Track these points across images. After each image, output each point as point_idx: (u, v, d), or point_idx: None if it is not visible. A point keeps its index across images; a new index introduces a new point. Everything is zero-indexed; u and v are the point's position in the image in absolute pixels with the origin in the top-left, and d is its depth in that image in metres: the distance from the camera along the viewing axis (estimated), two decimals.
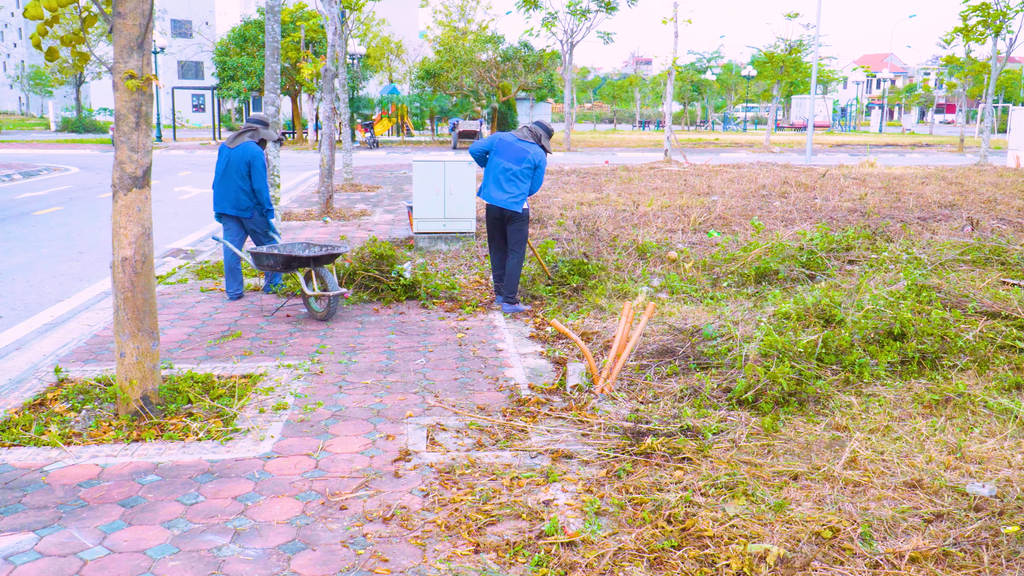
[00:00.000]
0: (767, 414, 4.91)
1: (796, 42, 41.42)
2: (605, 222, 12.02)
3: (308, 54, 16.54)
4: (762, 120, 75.29)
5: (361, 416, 5.06)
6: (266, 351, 6.41)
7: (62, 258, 10.53)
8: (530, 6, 33.20)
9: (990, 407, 4.99)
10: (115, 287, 4.77)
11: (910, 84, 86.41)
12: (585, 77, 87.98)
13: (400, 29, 56.34)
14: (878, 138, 53.22)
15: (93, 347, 6.49)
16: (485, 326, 7.22)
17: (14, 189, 18.80)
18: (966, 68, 37.38)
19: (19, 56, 77.63)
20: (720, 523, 3.67)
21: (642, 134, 57.62)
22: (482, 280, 8.93)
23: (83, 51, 4.87)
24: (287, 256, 7.10)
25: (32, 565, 3.41)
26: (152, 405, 4.86)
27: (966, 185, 18.11)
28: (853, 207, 14.04)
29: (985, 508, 3.78)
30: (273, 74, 10.00)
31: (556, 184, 18.49)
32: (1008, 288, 7.63)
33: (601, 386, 5.38)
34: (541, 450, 4.52)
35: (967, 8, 27.10)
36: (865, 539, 3.52)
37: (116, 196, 4.69)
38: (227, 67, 39.45)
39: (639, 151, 35.64)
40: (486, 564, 3.42)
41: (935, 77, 76.27)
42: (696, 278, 8.54)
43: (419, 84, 45.36)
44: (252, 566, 3.42)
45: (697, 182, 18.50)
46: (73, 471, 4.26)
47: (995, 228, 11.68)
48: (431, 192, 10.49)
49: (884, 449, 4.44)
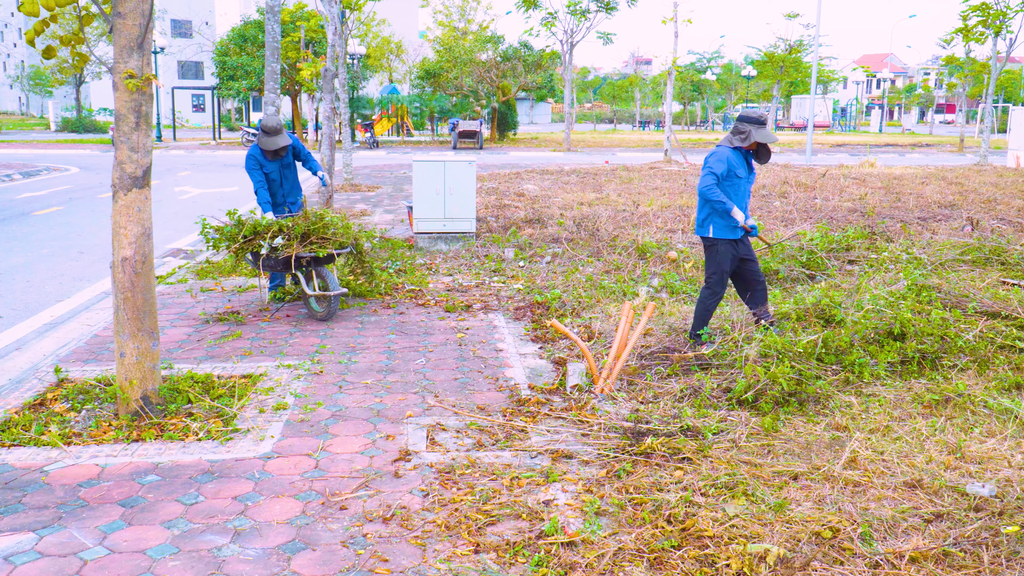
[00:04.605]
0: (767, 414, 4.91)
1: (796, 42, 41.43)
2: (605, 222, 12.02)
3: (308, 54, 16.52)
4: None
5: (361, 416, 5.06)
6: (266, 351, 6.41)
7: (62, 258, 10.53)
8: (530, 6, 33.19)
9: (990, 407, 4.99)
10: (115, 287, 4.77)
11: (910, 84, 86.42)
12: (585, 77, 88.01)
13: (400, 29, 56.36)
14: (878, 138, 53.21)
15: (93, 347, 6.49)
16: (485, 326, 7.22)
17: (14, 189, 18.80)
18: (966, 68, 37.39)
19: (19, 56, 77.62)
20: (720, 523, 3.67)
21: (642, 134, 57.62)
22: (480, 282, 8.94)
23: (83, 51, 4.87)
24: (287, 256, 7.09)
25: (32, 565, 3.41)
26: (152, 405, 4.86)
27: (966, 185, 18.11)
28: (853, 207, 14.04)
29: (985, 508, 3.78)
30: (273, 74, 10.00)
31: (556, 184, 18.49)
32: (1008, 288, 7.63)
33: (601, 386, 5.38)
34: (541, 450, 4.52)
35: (967, 8, 27.10)
36: (865, 539, 3.52)
37: (116, 196, 4.69)
38: (227, 67, 39.47)
39: (639, 151, 35.64)
40: (486, 564, 3.42)
41: (935, 77, 76.32)
42: (696, 278, 8.54)
43: (419, 84, 45.35)
44: (252, 566, 3.42)
45: (697, 182, 18.48)
46: (73, 471, 4.26)
47: (995, 228, 11.68)
48: (431, 192, 10.49)
49: (884, 449, 4.44)
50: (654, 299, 7.73)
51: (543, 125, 76.08)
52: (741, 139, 6.14)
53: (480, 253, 10.30)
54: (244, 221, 7.20)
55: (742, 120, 6.19)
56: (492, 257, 9.99)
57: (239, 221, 7.22)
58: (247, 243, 7.09)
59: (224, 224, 7.25)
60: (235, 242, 7.09)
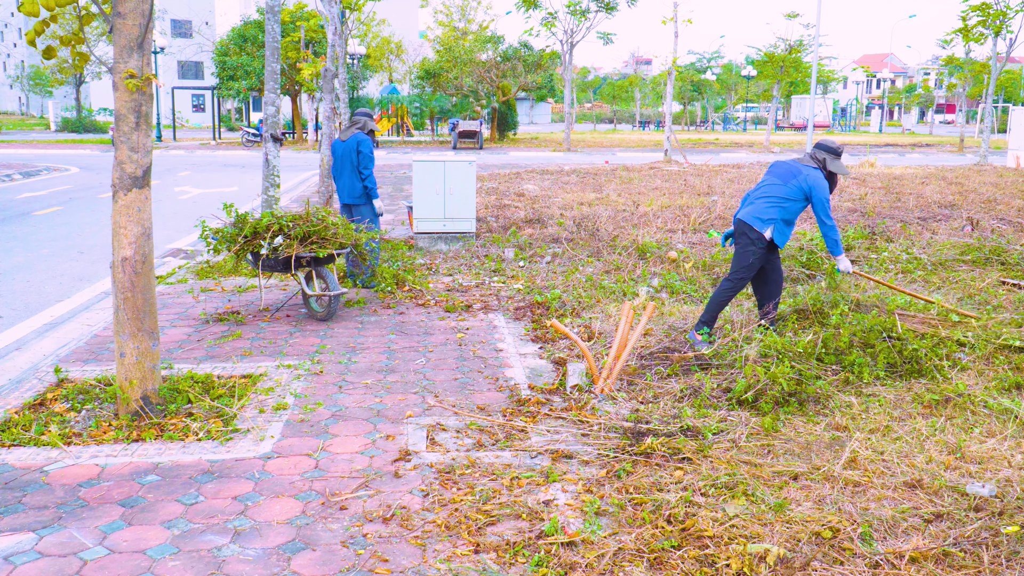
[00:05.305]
0: (767, 414, 4.91)
1: (796, 42, 41.41)
2: (605, 222, 12.02)
3: (308, 54, 16.52)
4: (762, 120, 75.29)
5: (361, 416, 5.06)
6: (266, 351, 6.41)
7: (62, 258, 10.53)
8: (530, 6, 33.21)
9: (990, 407, 5.00)
10: (115, 287, 4.77)
11: (910, 84, 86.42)
12: (585, 77, 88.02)
13: (400, 29, 56.38)
14: (878, 138, 53.21)
15: (93, 347, 6.49)
16: (485, 326, 7.22)
17: (14, 189, 18.80)
18: (966, 68, 37.39)
19: (19, 56, 77.61)
20: (720, 523, 3.67)
21: (642, 134, 57.61)
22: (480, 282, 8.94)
23: (83, 51, 4.87)
24: (287, 256, 7.09)
25: (32, 565, 3.41)
26: (152, 405, 4.86)
27: (966, 185, 18.11)
28: (853, 207, 14.04)
29: (985, 508, 3.78)
30: (273, 74, 10.00)
31: (556, 184, 18.50)
32: (1010, 289, 7.63)
33: (601, 386, 5.38)
34: (541, 450, 4.52)
35: (967, 8, 27.10)
36: (865, 539, 3.52)
37: (116, 196, 4.69)
38: (227, 67, 39.46)
39: (639, 151, 35.64)
40: (486, 564, 3.42)
41: (935, 77, 76.29)
42: (696, 278, 8.54)
43: (419, 84, 45.36)
44: (252, 566, 3.42)
45: (697, 182, 18.50)
46: (73, 471, 4.25)
47: (995, 228, 11.68)
48: (431, 192, 10.49)
49: (884, 449, 4.44)
50: (654, 299, 7.73)
51: (543, 125, 76.09)
52: (817, 164, 6.30)
53: (480, 253, 10.30)
54: (244, 218, 7.20)
55: (820, 148, 6.35)
56: (492, 257, 9.99)
57: (238, 218, 7.21)
58: (247, 243, 7.09)
59: (224, 226, 7.25)
60: (235, 243, 7.09)
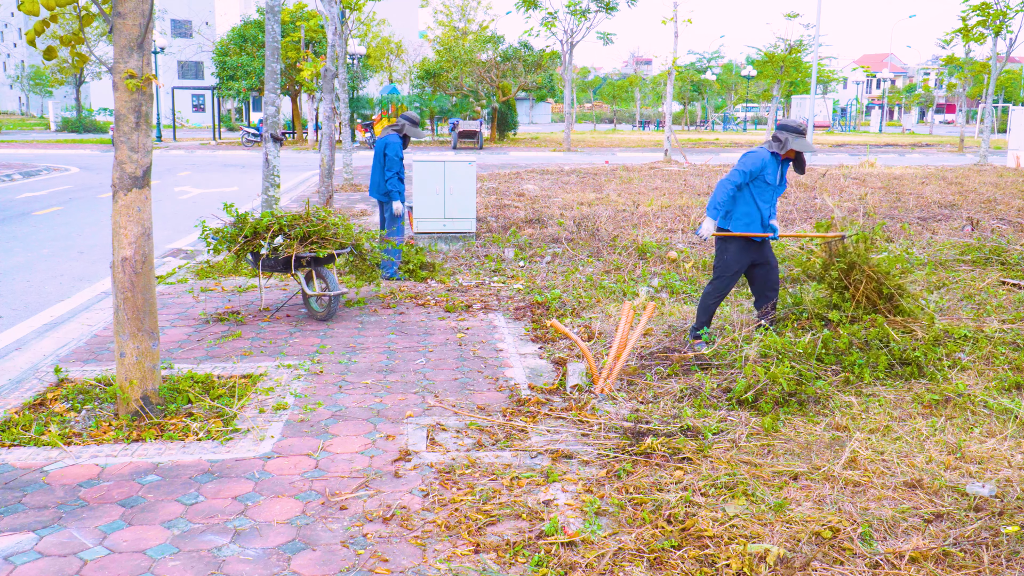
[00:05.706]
0: (767, 414, 4.91)
1: (796, 42, 41.40)
2: (605, 222, 12.02)
3: (308, 54, 16.53)
4: (762, 120, 75.26)
5: (361, 416, 5.06)
6: (266, 351, 6.41)
7: (62, 258, 10.53)
8: (530, 6, 33.20)
9: (990, 407, 5.00)
10: (115, 287, 4.77)
11: (910, 84, 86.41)
12: (585, 77, 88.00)
13: (400, 29, 56.36)
14: (878, 138, 53.20)
15: (93, 347, 6.49)
16: (485, 326, 7.22)
17: (14, 189, 18.80)
18: (966, 68, 37.38)
19: (19, 56, 77.59)
20: (720, 523, 3.67)
21: (642, 134, 57.60)
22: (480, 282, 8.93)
23: (82, 51, 4.87)
24: (287, 256, 7.09)
25: (32, 565, 3.41)
26: (152, 405, 4.86)
27: (966, 185, 18.12)
28: (853, 207, 14.04)
29: (985, 508, 3.79)
30: (273, 74, 10.00)
31: (556, 184, 18.50)
32: (1009, 288, 7.63)
33: (601, 386, 5.38)
34: (541, 450, 4.52)
35: (967, 8, 27.10)
36: (865, 539, 3.52)
37: (116, 196, 4.69)
38: (227, 67, 39.46)
39: (639, 151, 35.64)
40: (486, 564, 3.42)
41: (935, 77, 76.27)
42: (696, 278, 8.54)
43: (419, 84, 45.34)
44: (252, 566, 3.42)
45: (697, 182, 18.50)
46: (73, 471, 4.25)
47: (995, 228, 11.69)
48: (431, 192, 10.49)
49: (884, 449, 4.44)
50: (654, 299, 7.73)
51: (543, 125, 76.08)
52: (778, 146, 6.11)
53: (480, 253, 10.30)
54: (244, 218, 7.20)
55: (781, 128, 6.14)
56: (492, 257, 9.99)
57: (238, 218, 7.21)
58: (247, 243, 7.09)
59: (224, 226, 7.25)
60: (235, 243, 7.09)
